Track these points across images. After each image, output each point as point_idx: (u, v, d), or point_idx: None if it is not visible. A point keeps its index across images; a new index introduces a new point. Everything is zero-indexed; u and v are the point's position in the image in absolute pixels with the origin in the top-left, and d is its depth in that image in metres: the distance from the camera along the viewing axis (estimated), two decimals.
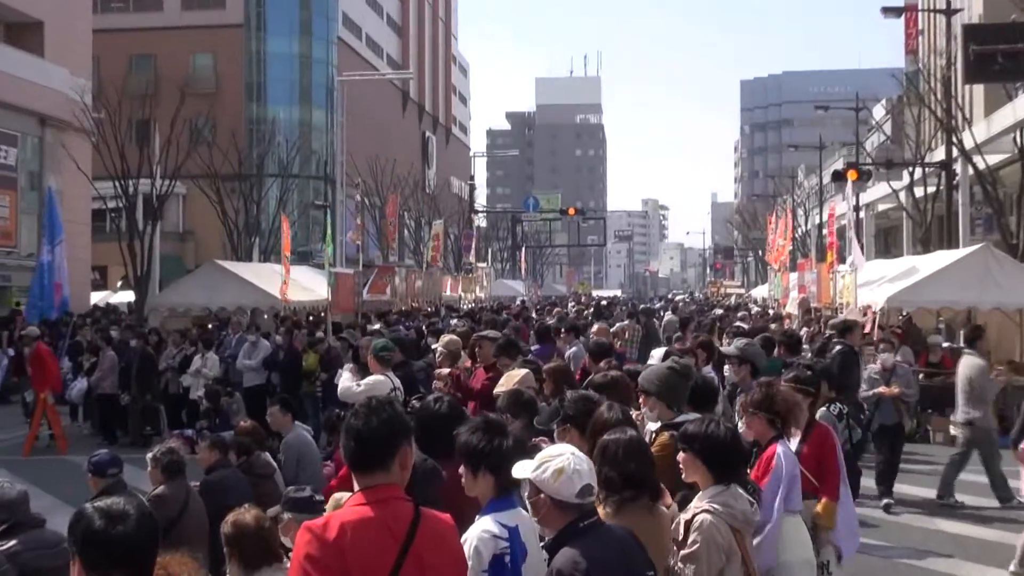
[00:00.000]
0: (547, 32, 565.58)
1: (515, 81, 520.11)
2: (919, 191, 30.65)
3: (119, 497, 2.88)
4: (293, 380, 16.82)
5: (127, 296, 34.79)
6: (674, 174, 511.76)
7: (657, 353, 10.78)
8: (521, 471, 3.99)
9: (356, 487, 3.52)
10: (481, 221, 72.03)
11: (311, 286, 26.49)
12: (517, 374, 7.59)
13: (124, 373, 17.66)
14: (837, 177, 30.75)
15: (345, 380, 9.55)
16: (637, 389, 6.45)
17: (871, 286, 19.83)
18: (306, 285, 26.37)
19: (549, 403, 6.67)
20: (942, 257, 20.17)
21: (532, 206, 70.80)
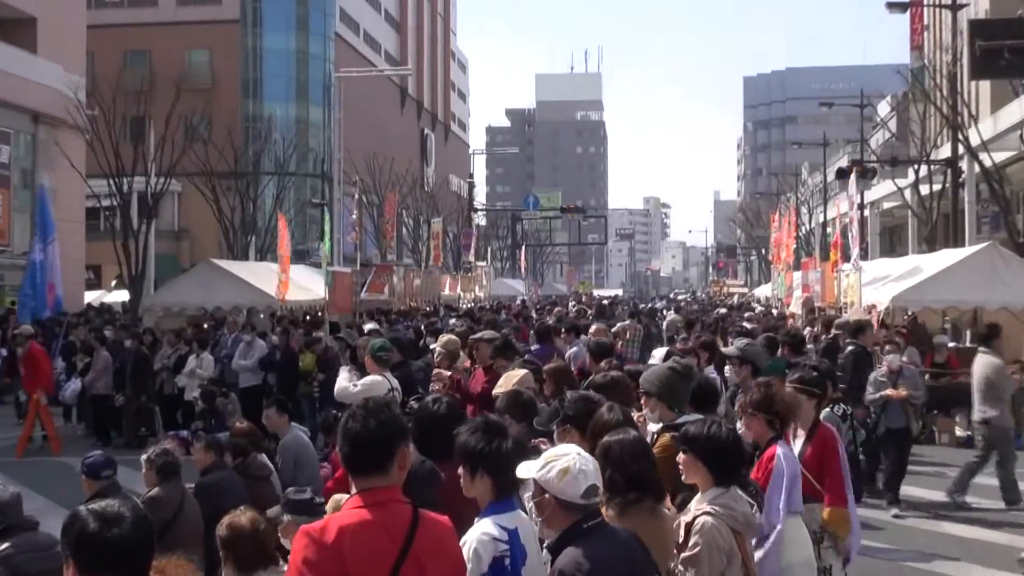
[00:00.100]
0: (547, 27, 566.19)
1: (515, 77, 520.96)
2: (924, 189, 30.67)
3: (114, 499, 2.88)
4: (290, 381, 16.81)
5: (122, 295, 34.79)
6: (676, 172, 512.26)
7: (658, 353, 10.79)
8: (526, 471, 4.00)
9: (353, 489, 3.53)
10: (480, 219, 72.06)
11: (308, 285, 26.47)
12: (516, 375, 7.58)
13: (119, 374, 17.66)
14: (841, 175, 30.73)
15: (342, 381, 9.55)
16: (638, 390, 6.45)
17: (876, 285, 19.83)
18: (303, 284, 26.36)
19: (549, 404, 6.67)
20: (948, 256, 20.17)
21: (532, 204, 70.81)
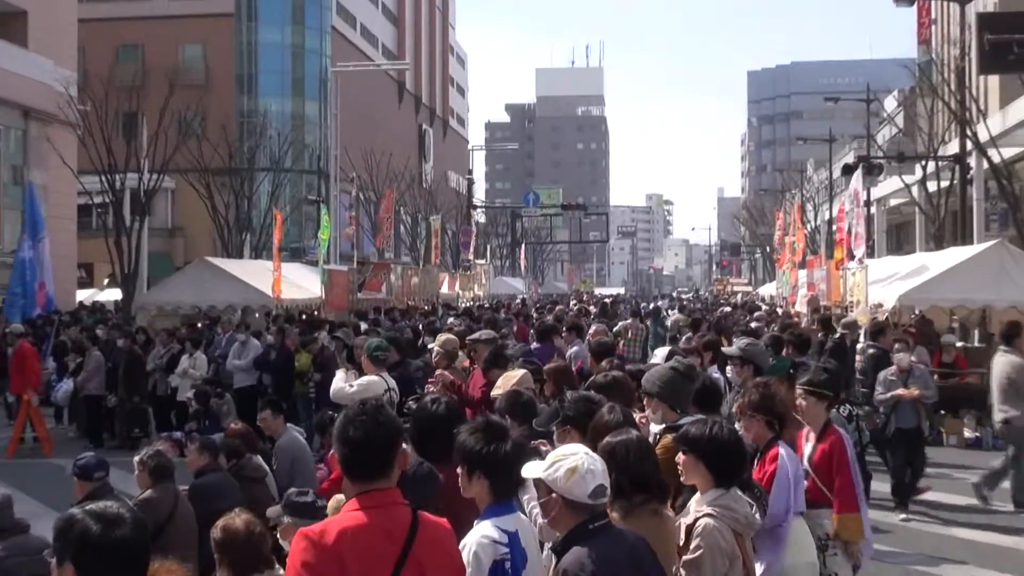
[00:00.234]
0: (548, 21, 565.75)
1: (515, 72, 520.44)
2: (932, 185, 30.62)
3: (109, 501, 2.89)
4: (285, 381, 16.82)
5: (114, 294, 34.78)
6: (679, 168, 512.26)
7: (660, 352, 10.79)
8: (531, 471, 4.01)
9: (350, 491, 3.54)
10: (480, 217, 72.05)
11: (304, 284, 26.51)
12: (515, 375, 7.59)
13: (111, 374, 17.67)
14: (847, 171, 30.70)
15: (338, 381, 9.56)
16: (639, 390, 6.46)
17: (882, 284, 19.83)
18: (299, 283, 26.39)
19: (549, 404, 6.67)
20: (956, 254, 20.17)
21: (532, 201, 70.89)
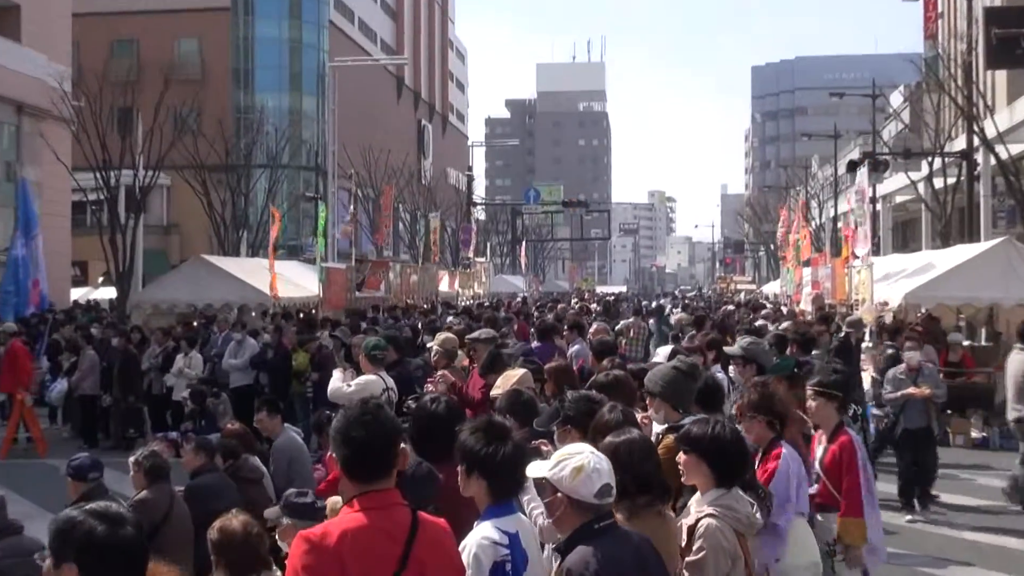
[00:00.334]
0: (549, 16, 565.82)
1: (515, 67, 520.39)
2: (938, 182, 30.61)
3: (105, 501, 2.90)
4: (283, 380, 16.82)
5: (109, 292, 34.79)
6: (682, 165, 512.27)
7: (663, 351, 10.79)
8: (536, 470, 4.01)
9: (348, 492, 3.54)
10: (480, 214, 72.03)
11: (301, 282, 26.51)
12: (515, 374, 7.59)
13: (106, 373, 17.67)
14: (853, 167, 30.70)
15: (335, 380, 9.56)
16: (642, 389, 6.47)
17: (888, 282, 19.84)
18: (296, 281, 26.39)
19: (550, 404, 6.68)
20: (962, 251, 20.18)
21: (533, 198, 70.70)
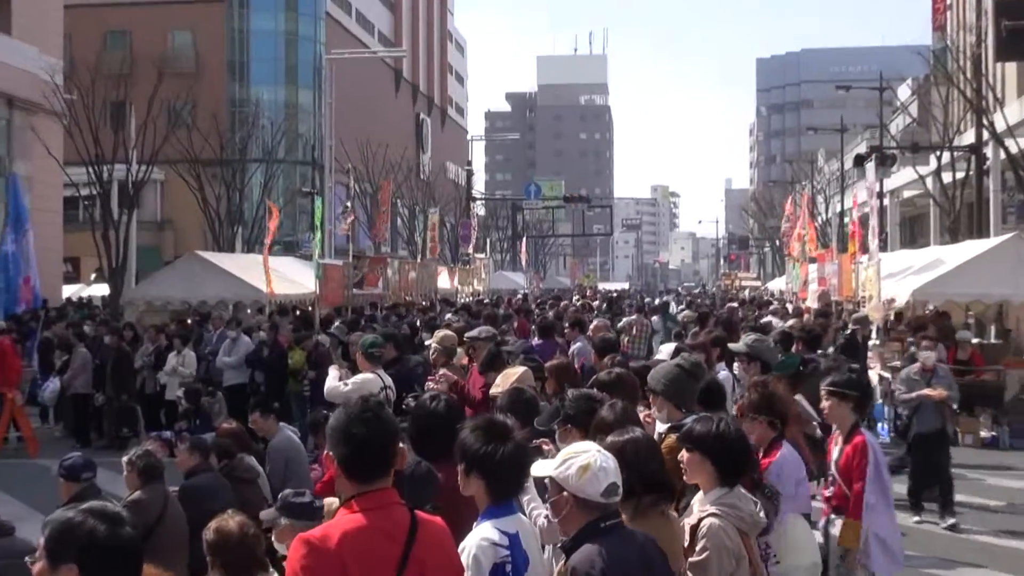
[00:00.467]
0: (550, 7, 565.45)
1: (515, 60, 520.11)
2: (947, 177, 30.60)
3: (98, 501, 2.92)
4: (279, 378, 16.81)
5: (101, 289, 34.75)
6: (685, 159, 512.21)
7: (666, 348, 10.78)
8: (541, 469, 4.02)
9: (346, 492, 3.54)
10: (479, 209, 71.95)
11: (298, 278, 26.48)
12: (515, 372, 7.59)
13: (98, 371, 17.65)
14: (859, 161, 30.72)
15: (332, 379, 9.56)
16: (644, 387, 6.47)
17: (895, 278, 19.83)
18: (292, 277, 26.36)
19: (551, 402, 6.68)
20: (971, 247, 20.17)
21: (534, 193, 70.67)
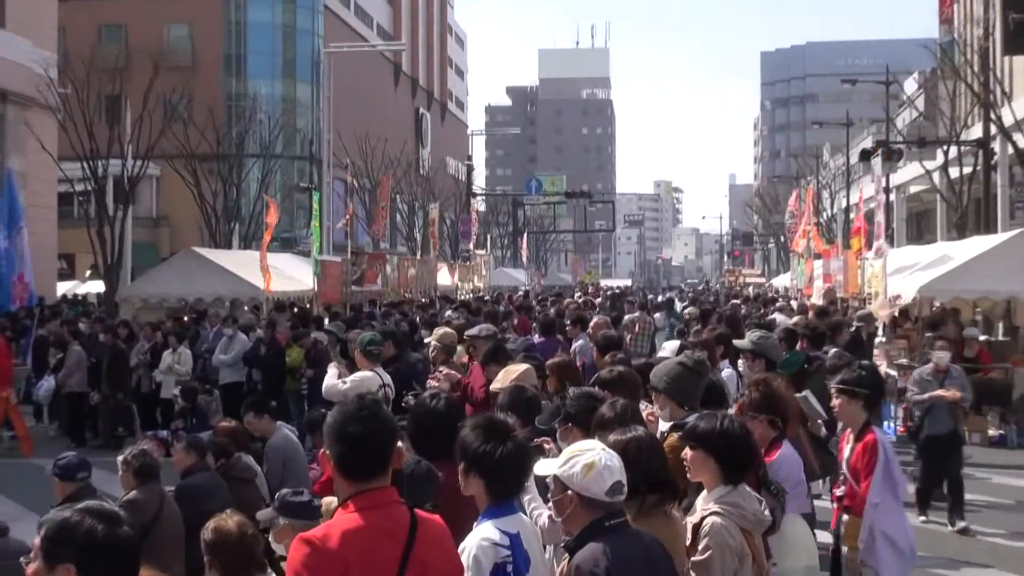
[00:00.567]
0: (551, 0, 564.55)
1: (516, 53, 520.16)
2: (954, 172, 30.59)
3: (93, 500, 2.92)
4: (276, 377, 16.81)
5: (96, 286, 34.82)
6: (689, 154, 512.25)
7: (670, 346, 10.77)
8: (545, 468, 4.02)
9: (344, 492, 3.54)
10: (480, 205, 71.93)
11: (296, 275, 26.47)
12: (516, 369, 7.59)
13: (94, 370, 17.64)
14: (865, 156, 30.70)
15: (330, 377, 9.55)
16: (647, 385, 6.47)
17: (902, 274, 19.81)
18: (290, 274, 26.36)
19: (552, 400, 6.68)
20: (979, 243, 20.16)
21: (535, 188, 70.63)
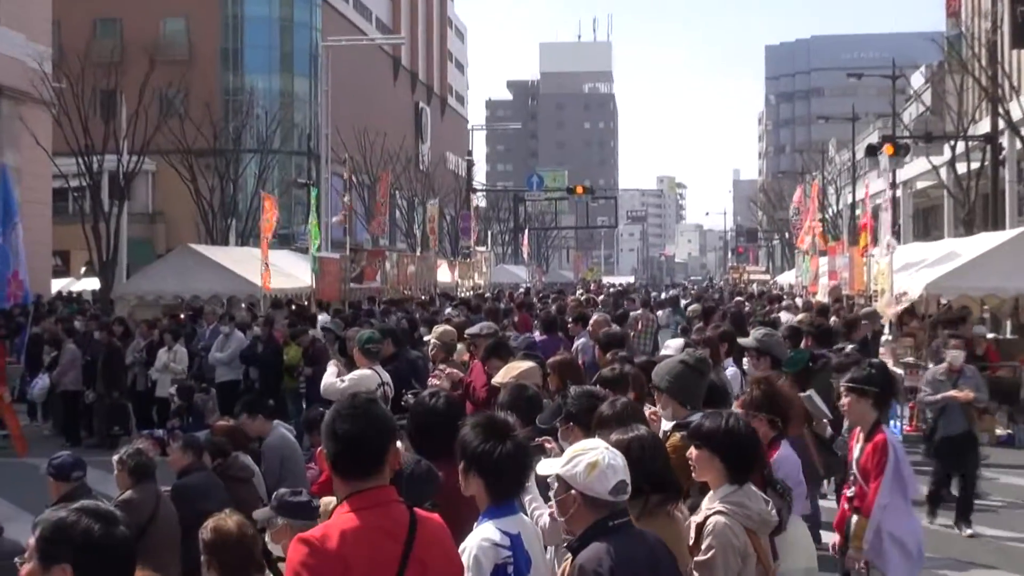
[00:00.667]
0: None
1: (517, 47, 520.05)
2: (961, 167, 30.59)
3: (89, 500, 2.93)
4: (273, 375, 16.82)
5: (91, 283, 34.81)
6: (692, 149, 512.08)
7: (674, 344, 10.78)
8: (549, 467, 4.03)
9: (341, 491, 3.54)
10: (480, 201, 71.96)
11: (293, 272, 26.47)
12: (520, 366, 7.59)
13: (89, 368, 17.64)
14: (871, 151, 30.72)
15: (328, 376, 9.56)
16: (649, 384, 6.47)
17: (908, 271, 19.80)
18: (288, 271, 26.35)
19: (554, 399, 6.69)
20: (986, 239, 20.16)
21: (536, 184, 70.62)
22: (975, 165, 29.44)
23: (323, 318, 20.27)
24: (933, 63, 45.64)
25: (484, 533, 4.08)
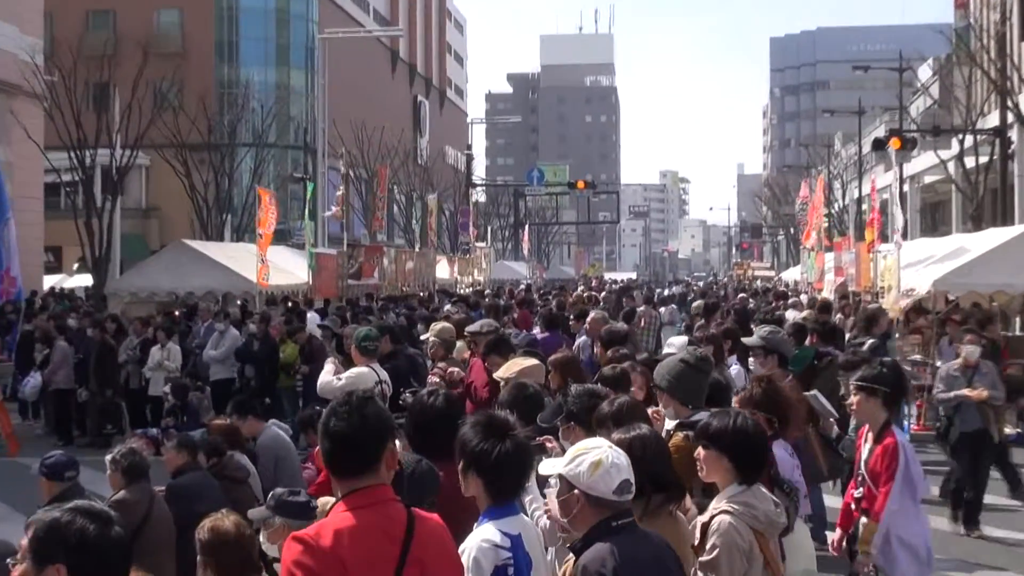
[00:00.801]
0: None
1: (518, 39, 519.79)
2: (970, 161, 30.57)
3: (82, 500, 2.93)
4: (270, 373, 16.81)
5: (84, 280, 34.81)
6: (695, 143, 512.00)
7: (678, 341, 10.78)
8: (551, 466, 4.02)
9: (339, 491, 3.54)
10: (480, 196, 71.98)
11: (290, 268, 26.47)
12: (524, 362, 7.59)
13: (81, 366, 17.63)
14: (878, 146, 30.68)
15: (325, 374, 9.56)
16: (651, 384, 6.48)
17: (916, 267, 19.79)
18: (284, 267, 26.35)
19: (555, 397, 6.69)
20: (995, 235, 20.13)
21: (537, 179, 70.62)
22: (984, 159, 29.41)
23: (312, 316, 20.25)
24: (941, 55, 45.59)
25: (484, 534, 4.08)
